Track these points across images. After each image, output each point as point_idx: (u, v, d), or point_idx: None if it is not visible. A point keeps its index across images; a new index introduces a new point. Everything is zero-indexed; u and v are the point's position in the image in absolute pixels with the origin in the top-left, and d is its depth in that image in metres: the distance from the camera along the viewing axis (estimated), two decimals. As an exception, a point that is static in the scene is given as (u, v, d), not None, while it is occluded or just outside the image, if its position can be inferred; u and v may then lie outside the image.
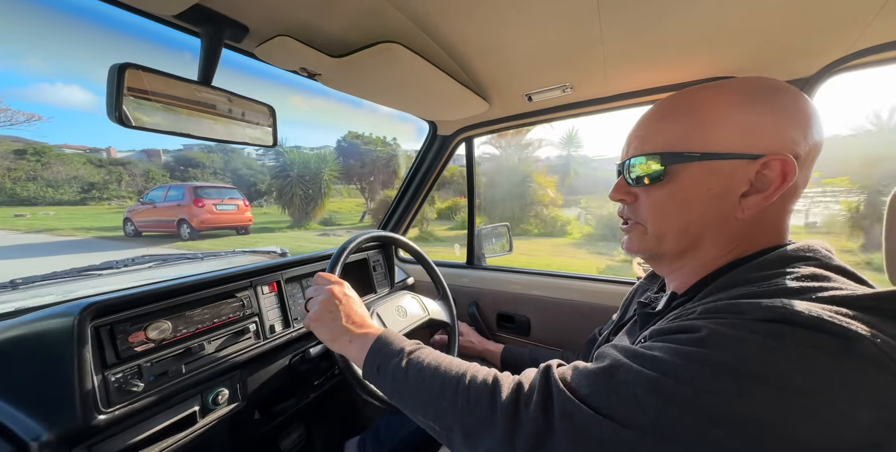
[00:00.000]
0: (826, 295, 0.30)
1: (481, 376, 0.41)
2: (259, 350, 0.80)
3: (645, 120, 0.45)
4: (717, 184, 0.39)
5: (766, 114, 0.38)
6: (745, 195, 0.39)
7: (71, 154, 22.02)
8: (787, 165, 0.36)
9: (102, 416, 0.53)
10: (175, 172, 23.83)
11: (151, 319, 0.64)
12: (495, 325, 1.28)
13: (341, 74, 0.76)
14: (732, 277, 0.37)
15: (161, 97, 0.52)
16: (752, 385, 0.27)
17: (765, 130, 0.38)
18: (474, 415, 0.38)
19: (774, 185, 0.37)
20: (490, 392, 0.38)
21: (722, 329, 0.30)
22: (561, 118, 1.09)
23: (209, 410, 0.70)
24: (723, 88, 0.41)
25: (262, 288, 0.86)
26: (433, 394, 0.42)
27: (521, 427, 0.34)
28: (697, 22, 0.60)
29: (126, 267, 0.88)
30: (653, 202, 0.43)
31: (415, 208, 1.43)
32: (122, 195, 21.22)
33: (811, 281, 0.32)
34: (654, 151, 0.41)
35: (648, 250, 0.46)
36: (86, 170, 20.77)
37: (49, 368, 0.52)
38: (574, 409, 0.33)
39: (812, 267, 0.34)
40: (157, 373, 0.62)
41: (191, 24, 0.56)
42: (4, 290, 0.73)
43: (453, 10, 0.58)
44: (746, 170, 0.38)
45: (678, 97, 0.43)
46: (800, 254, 0.36)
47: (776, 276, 0.34)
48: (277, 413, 0.94)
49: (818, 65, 0.70)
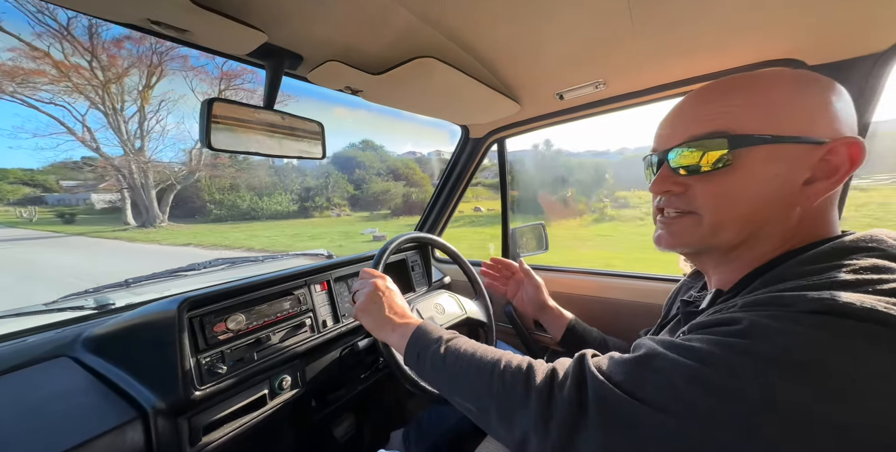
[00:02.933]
0: (886, 288, 0.28)
1: (516, 362, 0.43)
2: (314, 342, 0.89)
3: (690, 106, 0.42)
4: (783, 169, 0.37)
5: (822, 98, 0.37)
6: (807, 182, 0.37)
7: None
8: (856, 148, 0.35)
9: (198, 392, 0.63)
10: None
11: (230, 312, 0.74)
12: (534, 325, 1.28)
13: (381, 89, 0.83)
14: (781, 272, 0.35)
15: (237, 120, 0.62)
16: (794, 375, 0.26)
17: (826, 114, 0.37)
18: (510, 398, 0.39)
19: (843, 170, 0.36)
20: (525, 377, 0.40)
21: (764, 320, 0.29)
22: (593, 115, 1.07)
23: (276, 394, 0.80)
24: (777, 74, 0.39)
25: (315, 287, 0.95)
26: (469, 378, 0.44)
27: (556, 410, 0.35)
28: (741, 4, 0.57)
29: (205, 268, 1.03)
30: (715, 189, 0.39)
31: (449, 209, 1.48)
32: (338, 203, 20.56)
33: (870, 273, 0.30)
34: (715, 134, 0.38)
35: (699, 242, 0.42)
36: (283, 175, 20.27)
37: (159, 350, 0.63)
38: (608, 393, 0.33)
39: (874, 258, 0.32)
40: (236, 359, 0.72)
41: (259, 59, 0.65)
42: (120, 288, 0.90)
43: (483, 22, 0.62)
44: (810, 155, 0.36)
45: (730, 81, 0.40)
46: (860, 245, 0.34)
47: (830, 269, 0.32)
48: (330, 401, 1.03)
49: (893, 37, 0.64)
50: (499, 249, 1.43)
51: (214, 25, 0.52)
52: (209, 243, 12.04)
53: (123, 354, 0.67)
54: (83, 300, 0.86)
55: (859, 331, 0.26)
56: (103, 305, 0.85)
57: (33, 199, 23.03)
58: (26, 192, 23.05)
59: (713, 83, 0.41)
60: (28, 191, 23.10)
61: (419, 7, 0.56)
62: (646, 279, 1.07)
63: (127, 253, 10.69)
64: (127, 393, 0.61)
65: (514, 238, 1.40)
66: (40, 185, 23.11)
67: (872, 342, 0.26)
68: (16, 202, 22.51)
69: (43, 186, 23.09)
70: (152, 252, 10.72)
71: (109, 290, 0.90)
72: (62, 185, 21.96)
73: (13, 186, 23.11)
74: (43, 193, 23.34)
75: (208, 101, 0.57)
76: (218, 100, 0.58)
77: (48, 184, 22.58)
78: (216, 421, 0.68)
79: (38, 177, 22.86)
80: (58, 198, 23.38)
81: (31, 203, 22.49)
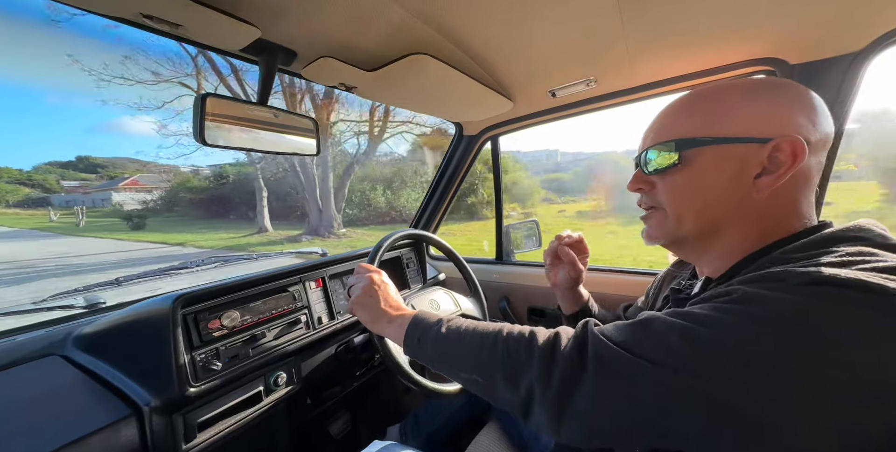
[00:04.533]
0: (868, 266, 0.30)
1: (518, 329, 0.45)
2: (309, 339, 0.89)
3: (660, 116, 0.49)
4: (731, 167, 0.41)
5: (771, 101, 0.41)
6: (758, 177, 0.40)
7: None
8: (797, 146, 0.38)
9: (193, 389, 0.63)
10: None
11: (224, 309, 0.74)
12: (527, 319, 1.30)
13: (375, 86, 0.83)
14: (773, 258, 0.38)
15: (231, 118, 0.62)
16: (787, 333, 0.28)
17: (772, 116, 0.40)
18: (513, 360, 0.41)
19: (786, 166, 0.39)
20: (528, 340, 0.42)
21: (760, 291, 0.31)
22: (585, 112, 1.09)
23: (271, 390, 0.80)
24: (731, 84, 0.44)
25: (310, 284, 0.95)
26: (473, 349, 0.46)
27: (556, 365, 0.37)
28: (726, 5, 0.60)
29: (198, 266, 1.02)
30: (670, 186, 0.46)
31: (444, 206, 1.49)
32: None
33: (854, 256, 0.32)
34: (669, 140, 0.45)
35: (669, 234, 0.47)
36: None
37: (153, 347, 0.63)
38: (606, 350, 0.35)
39: (861, 246, 0.34)
40: (231, 356, 0.72)
41: (252, 54, 0.65)
42: (112, 286, 0.89)
43: (476, 19, 0.63)
44: (758, 153, 0.40)
45: (690, 94, 0.47)
46: (848, 235, 0.36)
47: (818, 255, 0.34)
48: (326, 398, 1.03)
49: (868, 37, 0.67)
50: (492, 246, 1.44)
51: (208, 20, 0.52)
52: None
53: (116, 351, 0.66)
54: (72, 298, 0.84)
55: (849, 297, 0.28)
56: (93, 304, 0.83)
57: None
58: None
59: (680, 96, 0.48)
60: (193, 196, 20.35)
61: (413, 4, 0.56)
62: (632, 273, 1.09)
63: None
64: (120, 391, 0.60)
65: (507, 235, 1.42)
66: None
67: (859, 305, 0.28)
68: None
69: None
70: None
71: (100, 289, 0.89)
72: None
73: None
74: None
75: (202, 97, 0.56)
76: (212, 95, 0.58)
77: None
78: (211, 418, 0.68)
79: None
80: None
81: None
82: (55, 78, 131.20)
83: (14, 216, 19.51)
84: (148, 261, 9.16)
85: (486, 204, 11.15)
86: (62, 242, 13.25)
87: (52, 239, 14.19)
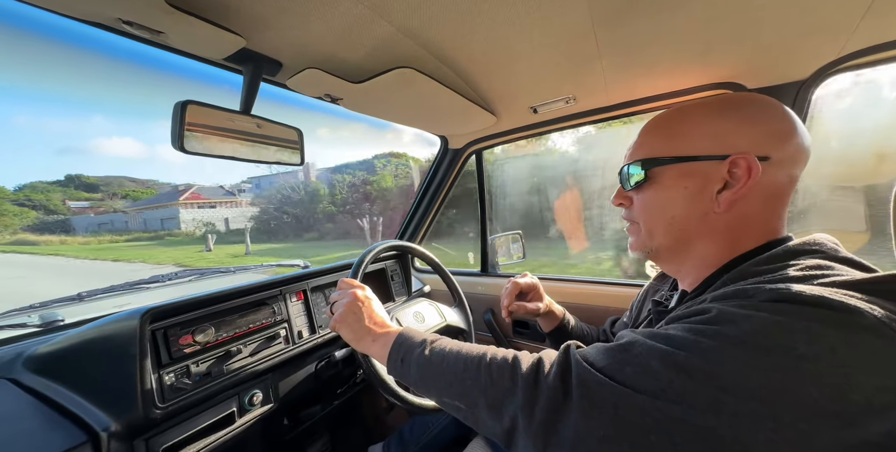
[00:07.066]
0: (828, 281, 0.32)
1: (501, 354, 0.44)
2: (288, 354, 0.85)
3: (638, 134, 0.52)
4: (693, 183, 0.44)
5: (731, 120, 0.43)
6: (720, 191, 0.43)
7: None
8: (750, 162, 0.41)
9: (158, 411, 0.58)
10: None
11: (197, 324, 0.70)
12: (511, 331, 1.29)
13: (361, 98, 0.84)
14: (740, 271, 0.40)
15: (211, 128, 0.60)
16: (759, 355, 0.29)
17: (731, 134, 0.43)
18: (496, 388, 0.41)
19: (742, 181, 0.41)
20: (511, 367, 0.41)
21: (731, 309, 0.33)
22: (565, 128, 1.14)
23: (245, 410, 0.75)
24: (696, 104, 0.47)
25: (291, 297, 0.92)
26: (457, 374, 0.45)
27: (541, 394, 0.37)
28: (689, 34, 0.65)
29: (170, 280, 0.97)
30: (642, 202, 0.49)
31: (429, 219, 1.49)
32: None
33: (815, 270, 0.35)
34: (639, 159, 0.48)
35: (644, 246, 0.51)
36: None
37: (116, 366, 0.58)
38: (590, 377, 0.35)
39: (817, 259, 0.37)
40: (203, 373, 0.68)
41: (236, 63, 0.65)
42: (73, 302, 0.82)
43: (459, 36, 0.65)
44: (718, 169, 0.42)
45: (661, 115, 0.50)
46: (805, 248, 0.39)
47: (782, 268, 0.36)
48: (304, 418, 0.98)
49: (811, 68, 0.74)
50: (478, 258, 1.45)
51: (190, 28, 0.52)
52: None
53: (72, 372, 0.61)
54: (25, 316, 0.78)
55: (813, 315, 0.30)
56: (50, 322, 0.77)
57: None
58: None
59: (655, 116, 0.51)
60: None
61: (399, 19, 0.58)
62: (615, 285, 1.12)
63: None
64: (76, 415, 0.55)
65: (492, 247, 1.43)
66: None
67: (823, 322, 0.29)
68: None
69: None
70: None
71: (58, 305, 0.82)
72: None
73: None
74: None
75: (182, 104, 0.55)
76: (192, 102, 0.57)
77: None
78: (178, 443, 0.63)
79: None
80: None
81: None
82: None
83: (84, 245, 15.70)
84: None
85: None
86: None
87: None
